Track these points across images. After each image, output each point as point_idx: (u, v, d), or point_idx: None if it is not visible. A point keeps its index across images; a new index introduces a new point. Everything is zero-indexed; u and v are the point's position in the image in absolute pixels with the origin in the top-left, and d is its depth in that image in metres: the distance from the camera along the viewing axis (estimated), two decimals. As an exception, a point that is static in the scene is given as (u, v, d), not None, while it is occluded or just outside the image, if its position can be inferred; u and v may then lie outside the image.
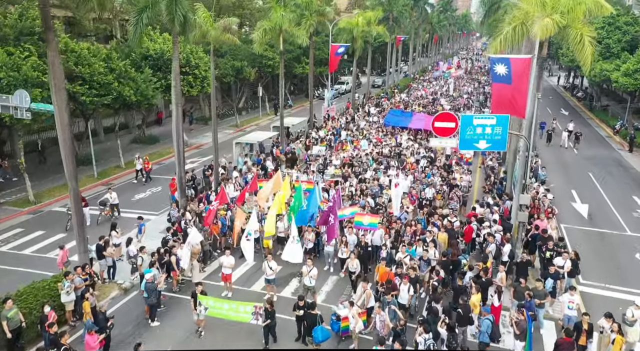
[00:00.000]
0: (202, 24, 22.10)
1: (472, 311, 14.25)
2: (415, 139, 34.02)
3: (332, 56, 40.69)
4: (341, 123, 41.25)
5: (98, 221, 23.04)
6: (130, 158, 34.36)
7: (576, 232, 22.96)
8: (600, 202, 27.07)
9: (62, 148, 15.70)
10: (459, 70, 76.40)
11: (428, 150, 30.91)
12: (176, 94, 20.64)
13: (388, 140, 33.54)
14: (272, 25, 29.06)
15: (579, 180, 30.59)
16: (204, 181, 27.09)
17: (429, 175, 25.70)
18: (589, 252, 20.60)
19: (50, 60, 14.51)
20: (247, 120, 49.71)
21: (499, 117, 16.07)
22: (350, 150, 30.36)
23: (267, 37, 29.35)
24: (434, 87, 61.98)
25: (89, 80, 27.45)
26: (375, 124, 38.92)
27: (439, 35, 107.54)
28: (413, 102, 49.21)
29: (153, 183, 29.41)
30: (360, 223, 18.63)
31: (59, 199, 26.58)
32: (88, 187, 28.75)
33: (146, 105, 32.20)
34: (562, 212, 24.90)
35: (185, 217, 20.25)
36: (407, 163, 27.65)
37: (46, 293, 14.82)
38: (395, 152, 30.15)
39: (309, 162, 28.84)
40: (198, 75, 35.58)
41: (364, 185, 24.29)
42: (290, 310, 14.40)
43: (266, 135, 31.13)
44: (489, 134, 16.00)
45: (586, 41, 14.65)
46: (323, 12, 34.24)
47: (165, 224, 21.81)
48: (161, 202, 25.95)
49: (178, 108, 20.83)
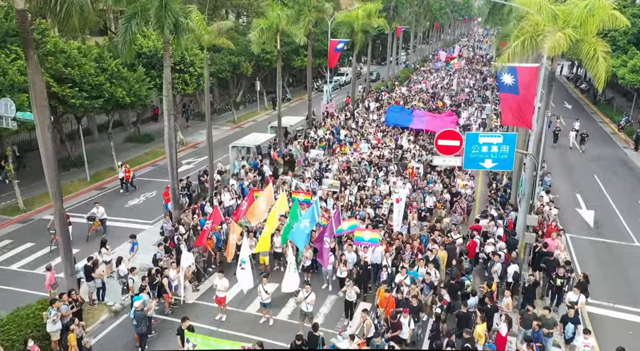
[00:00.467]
0: (195, 27, 21.13)
1: (477, 341, 13.62)
2: (416, 140, 33.17)
3: (331, 52, 39.65)
4: (340, 120, 40.37)
5: (88, 238, 22.07)
6: (125, 158, 33.59)
7: (582, 243, 22.25)
8: (606, 207, 26.33)
9: (45, 169, 14.89)
10: (461, 61, 75.03)
11: (429, 152, 30.10)
12: (168, 103, 19.77)
13: (388, 141, 32.69)
14: (269, 24, 28.02)
15: (584, 183, 29.82)
16: (199, 187, 26.32)
17: (430, 182, 24.92)
18: (596, 267, 19.93)
19: (30, 79, 13.64)
20: (245, 115, 48.75)
21: (506, 136, 15.26)
22: (349, 154, 29.50)
23: (264, 37, 28.31)
24: (435, 78, 60.87)
25: (79, 82, 26.50)
26: (374, 122, 38.00)
27: (440, 23, 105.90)
28: (413, 96, 48.20)
29: (147, 188, 28.61)
30: (360, 239, 17.91)
31: (49, 206, 25.73)
32: (81, 192, 27.97)
33: (140, 106, 31.25)
34: (567, 220, 24.21)
35: (179, 231, 19.53)
36: (408, 169, 26.87)
37: (30, 322, 14.15)
38: (396, 155, 29.32)
39: (306, 167, 28.01)
40: (193, 72, 34.56)
41: (364, 194, 23.59)
42: (288, 334, 13.79)
43: (263, 138, 30.24)
44: (495, 153, 15.20)
45: (600, 57, 13.76)
46: (322, 8, 33.14)
47: (159, 235, 21.18)
48: (155, 209, 25.17)
49: (170, 118, 19.96)
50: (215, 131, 42.71)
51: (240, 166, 28.97)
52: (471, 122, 38.05)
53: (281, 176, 26.31)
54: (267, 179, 26.42)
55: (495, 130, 36.96)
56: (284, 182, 24.93)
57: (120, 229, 23.06)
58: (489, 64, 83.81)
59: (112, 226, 23.34)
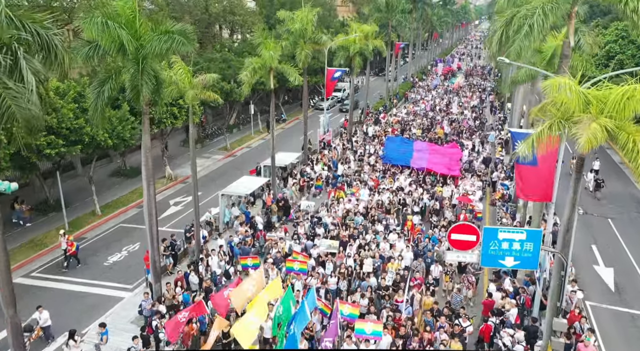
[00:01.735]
0: (179, 81, 19.15)
1: None
2: (417, 180, 31.16)
3: (328, 81, 37.72)
4: (338, 152, 38.40)
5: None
6: (108, 199, 31.55)
7: (604, 314, 20.32)
8: (625, 262, 24.47)
9: None
10: (461, 77, 72.99)
11: (432, 197, 28.18)
12: (147, 171, 17.71)
13: (387, 181, 30.66)
14: (261, 63, 26.02)
15: (599, 232, 27.83)
16: (185, 242, 24.29)
17: (435, 240, 22.93)
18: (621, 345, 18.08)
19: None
20: (239, 140, 46.69)
21: (530, 232, 13.36)
22: (346, 200, 27.40)
23: (257, 76, 26.31)
24: (433, 97, 58.80)
25: (56, 128, 24.45)
26: (372, 157, 35.91)
27: (439, 32, 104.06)
28: (412, 121, 46.03)
29: (130, 239, 26.56)
30: (362, 331, 15.94)
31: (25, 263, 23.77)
32: (58, 244, 25.78)
33: (123, 148, 29.15)
34: (585, 282, 22.28)
35: (159, 312, 17.54)
36: (408, 222, 24.96)
37: None
38: (395, 203, 27.25)
39: (297, 221, 25.91)
40: (183, 105, 32.51)
41: (364, 253, 21.69)
42: None
43: (255, 184, 28.13)
44: (517, 250, 13.31)
45: (640, 148, 11.85)
46: (319, 40, 31.16)
47: (137, 307, 19.18)
48: (138, 268, 22.99)
49: (150, 187, 17.91)
50: (206, 161, 40.77)
51: (230, 214, 27.01)
52: (474, 157, 35.86)
53: (273, 235, 24.12)
54: (257, 235, 24.48)
55: (500, 163, 35.08)
56: (276, 242, 22.89)
57: (96, 297, 21.07)
58: (488, 77, 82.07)
59: (87, 292, 21.38)
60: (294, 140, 45.66)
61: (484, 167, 34.43)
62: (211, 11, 52.67)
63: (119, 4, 15.69)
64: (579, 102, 12.14)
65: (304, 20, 30.02)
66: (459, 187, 29.49)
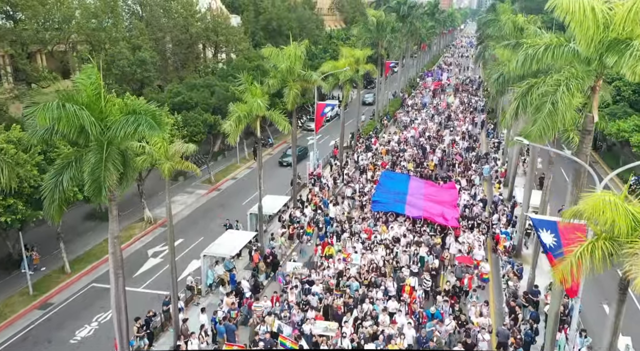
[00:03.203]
0: (154, 152, 16.90)
1: None
2: (413, 229, 29.08)
3: (317, 116, 35.64)
4: (329, 187, 36.30)
5: None
6: (82, 249, 29.04)
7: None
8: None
9: None
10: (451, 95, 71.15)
11: (431, 250, 26.17)
12: (115, 262, 15.43)
13: (380, 231, 28.47)
14: (247, 110, 23.79)
15: (608, 286, 26.01)
16: (164, 316, 21.96)
17: (438, 314, 20.93)
18: None
19: None
20: (223, 170, 44.33)
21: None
22: (337, 261, 25.10)
23: (242, 126, 24.06)
24: (423, 119, 56.80)
25: (18, 187, 21.85)
26: (365, 197, 33.74)
27: (427, 43, 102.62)
28: (403, 152, 43.78)
29: (101, 306, 23.91)
30: None
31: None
32: (20, 313, 23.24)
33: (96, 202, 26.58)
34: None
35: None
36: (405, 285, 22.95)
37: None
38: (390, 262, 25.13)
39: (285, 286, 23.62)
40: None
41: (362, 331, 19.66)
42: None
43: (241, 241, 25.73)
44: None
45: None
46: (308, 78, 29.00)
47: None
48: (108, 346, 20.56)
49: (118, 280, 15.62)
50: (189, 197, 38.35)
51: (213, 275, 24.75)
52: (474, 203, 33.46)
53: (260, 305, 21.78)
54: (242, 303, 22.28)
55: (500, 203, 33.13)
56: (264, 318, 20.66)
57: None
58: (478, 89, 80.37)
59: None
60: (282, 170, 43.55)
61: (484, 212, 32.30)
62: (191, 31, 50.28)
63: (81, 79, 13.41)
64: (628, 222, 10.18)
65: (292, 58, 27.83)
66: (460, 240, 27.41)
